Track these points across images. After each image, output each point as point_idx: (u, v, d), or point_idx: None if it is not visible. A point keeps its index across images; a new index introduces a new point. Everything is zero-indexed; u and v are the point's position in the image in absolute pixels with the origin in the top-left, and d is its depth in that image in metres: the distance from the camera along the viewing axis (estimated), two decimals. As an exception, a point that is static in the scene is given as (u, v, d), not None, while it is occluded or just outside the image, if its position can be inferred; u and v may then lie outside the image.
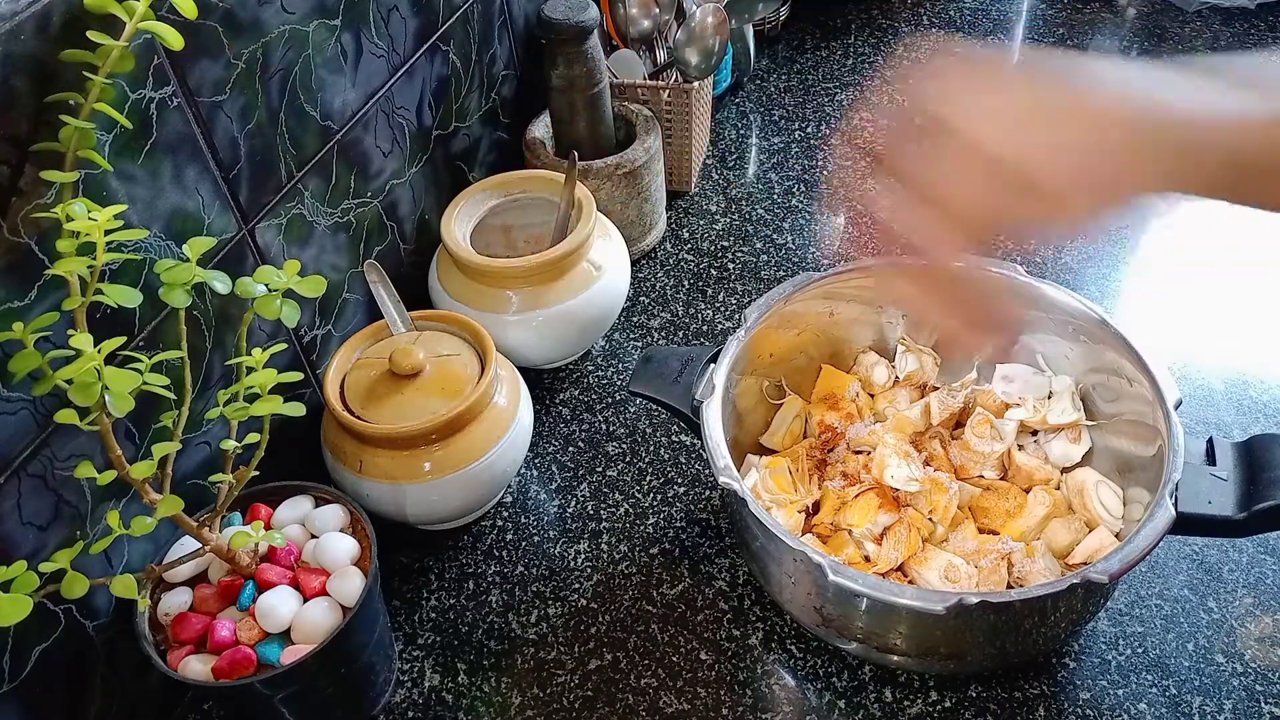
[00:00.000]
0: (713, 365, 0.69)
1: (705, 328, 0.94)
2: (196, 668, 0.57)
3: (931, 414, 0.75)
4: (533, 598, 0.73)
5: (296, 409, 0.55)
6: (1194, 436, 0.61)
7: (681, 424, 0.73)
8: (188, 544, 0.62)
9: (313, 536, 0.64)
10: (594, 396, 0.88)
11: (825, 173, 1.11)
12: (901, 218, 0.44)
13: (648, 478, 0.81)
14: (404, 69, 0.81)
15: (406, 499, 0.70)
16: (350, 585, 0.60)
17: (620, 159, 0.93)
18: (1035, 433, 0.75)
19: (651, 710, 0.66)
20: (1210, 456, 0.60)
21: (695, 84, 1.01)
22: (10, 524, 0.52)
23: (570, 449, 0.84)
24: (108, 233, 0.47)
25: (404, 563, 0.76)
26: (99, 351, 0.46)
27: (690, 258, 1.02)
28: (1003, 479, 0.73)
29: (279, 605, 0.59)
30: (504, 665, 0.69)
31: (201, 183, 0.62)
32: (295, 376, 0.58)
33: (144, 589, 0.59)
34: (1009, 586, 0.65)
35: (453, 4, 0.87)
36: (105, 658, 0.61)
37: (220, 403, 0.55)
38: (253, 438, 0.57)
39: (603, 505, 0.79)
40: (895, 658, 0.63)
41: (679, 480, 0.81)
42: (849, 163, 0.98)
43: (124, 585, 0.51)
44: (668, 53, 1.07)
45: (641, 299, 0.97)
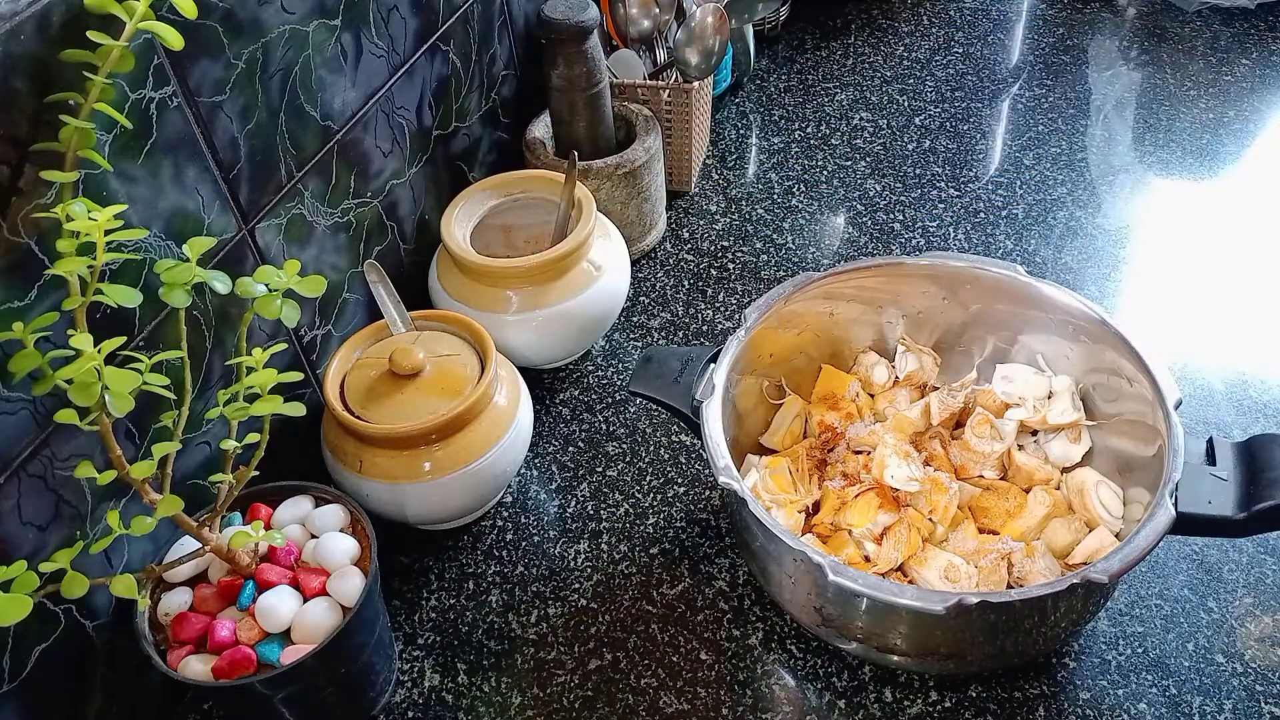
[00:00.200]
0: (713, 365, 0.69)
1: (705, 328, 0.94)
2: (196, 668, 0.57)
3: (931, 414, 0.75)
4: (533, 598, 0.73)
5: (296, 409, 0.55)
6: (1194, 436, 0.61)
7: (681, 424, 0.73)
8: (188, 544, 0.62)
9: (313, 536, 0.64)
10: (594, 396, 0.88)
11: (825, 173, 1.11)
12: None
13: (648, 478, 0.81)
14: (404, 69, 0.81)
15: (406, 499, 0.70)
16: (350, 585, 0.60)
17: (620, 159, 0.93)
18: (1035, 433, 0.75)
19: (651, 710, 0.66)
20: (1210, 456, 0.60)
21: (695, 84, 1.01)
22: (10, 524, 0.52)
23: (570, 449, 0.84)
24: (108, 233, 0.47)
25: (404, 563, 0.76)
26: (99, 351, 0.46)
27: (690, 258, 1.02)
28: (1003, 479, 0.73)
29: (279, 605, 0.59)
30: (504, 665, 0.69)
31: (201, 183, 0.62)
32: (295, 376, 0.58)
33: (144, 589, 0.59)
34: (1009, 586, 0.65)
35: (453, 4, 0.87)
36: (105, 658, 0.61)
37: (220, 403, 0.55)
38: (253, 438, 0.57)
39: (603, 505, 0.79)
40: (895, 658, 0.63)
41: (679, 480, 0.81)
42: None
43: (124, 585, 0.51)
44: (668, 53, 1.07)
45: (641, 299, 0.97)
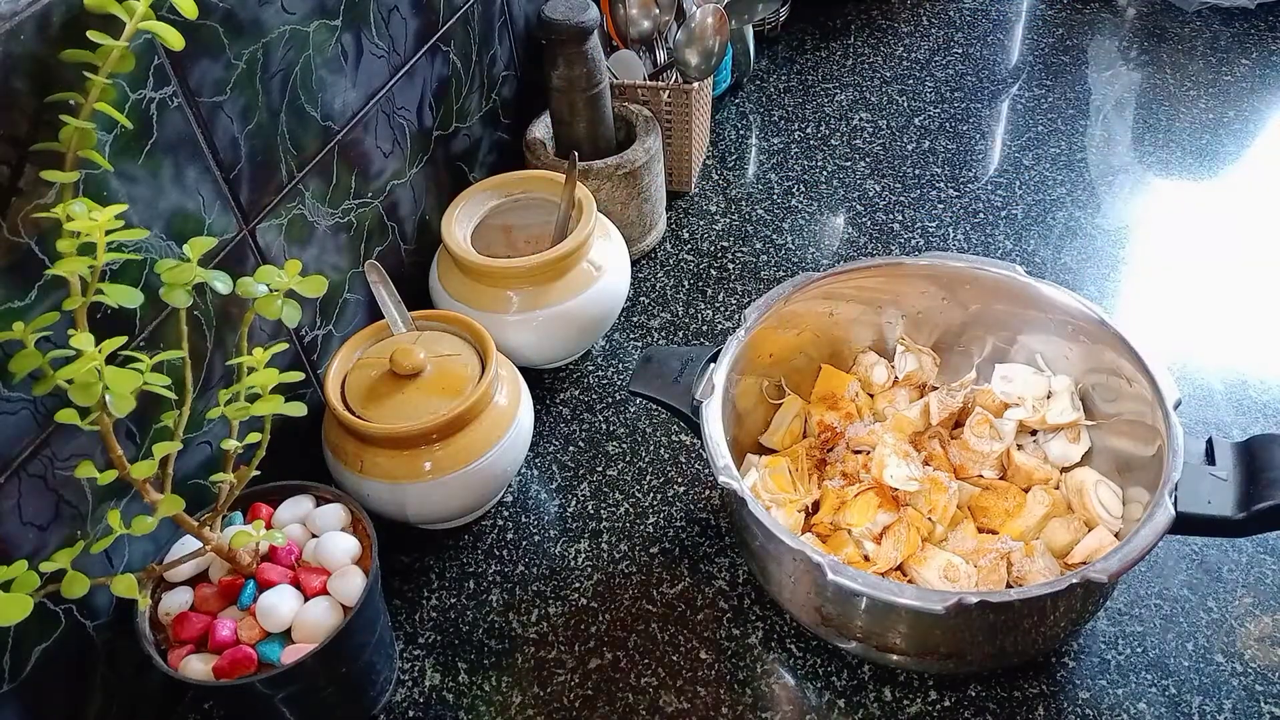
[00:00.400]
0: (713, 365, 0.69)
1: (705, 328, 0.94)
2: (197, 667, 0.57)
3: (931, 414, 0.75)
4: (533, 597, 0.73)
5: (297, 409, 0.55)
6: (1194, 436, 0.61)
7: (681, 424, 0.73)
8: (188, 543, 0.62)
9: (313, 536, 0.64)
10: (594, 396, 0.88)
11: (825, 173, 1.11)
12: None
13: (648, 477, 0.81)
14: (404, 69, 0.82)
15: (407, 499, 0.70)
16: (351, 585, 0.60)
17: (620, 159, 0.93)
18: (1035, 432, 0.75)
19: (651, 709, 0.66)
20: (1210, 456, 0.60)
21: (695, 84, 1.01)
22: (10, 524, 0.52)
23: (570, 449, 0.84)
24: (108, 233, 0.47)
25: (404, 562, 0.76)
26: (99, 351, 0.46)
27: (690, 258, 1.02)
28: (1002, 479, 0.73)
29: (280, 605, 0.59)
30: (504, 664, 0.69)
31: (202, 183, 0.62)
32: (296, 376, 0.58)
33: (144, 588, 0.59)
34: (1008, 586, 0.65)
35: (453, 4, 0.87)
36: (106, 657, 0.61)
37: (221, 402, 0.55)
38: (254, 437, 0.57)
39: (603, 505, 0.79)
40: (895, 657, 0.63)
41: (679, 480, 0.81)
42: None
43: (125, 585, 0.51)
44: (668, 53, 1.07)
45: (641, 299, 0.97)
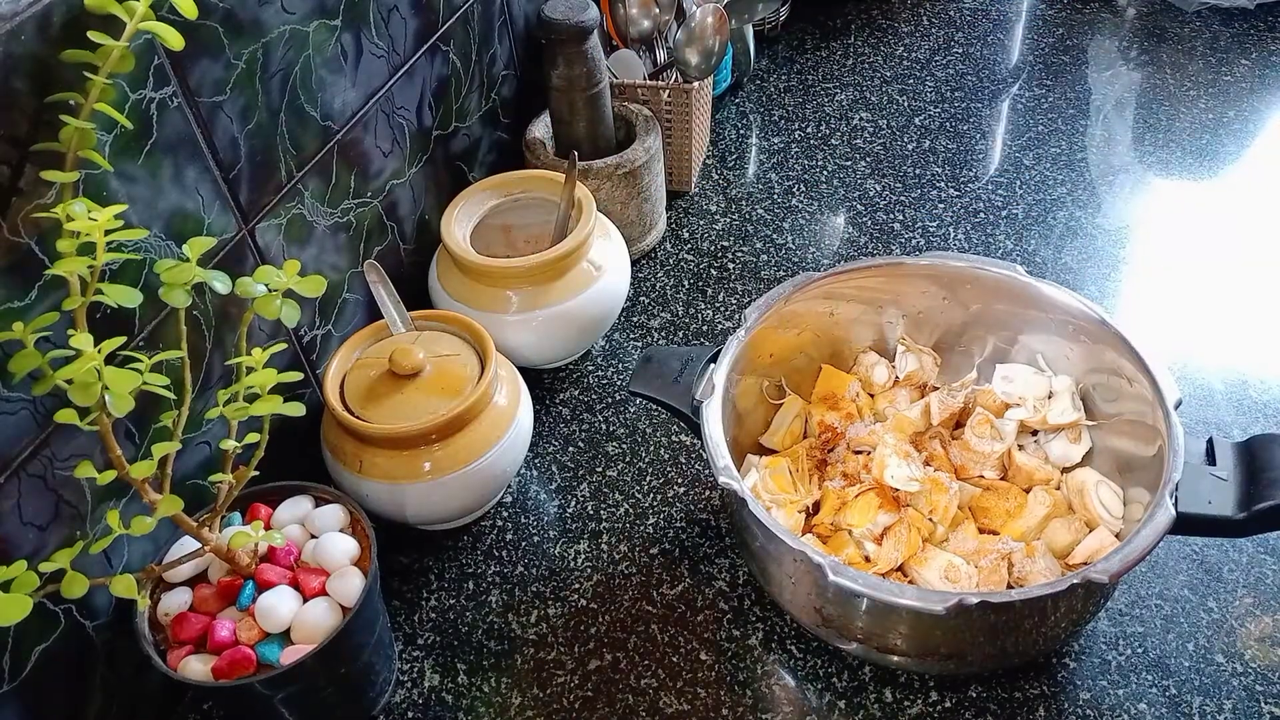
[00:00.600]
0: (713, 365, 0.69)
1: (705, 328, 0.94)
2: (196, 668, 0.57)
3: (931, 414, 0.75)
4: (533, 598, 0.73)
5: (296, 409, 0.55)
6: (1194, 436, 0.61)
7: (681, 424, 0.73)
8: (188, 544, 0.62)
9: (312, 536, 0.64)
10: (594, 396, 0.88)
11: (825, 173, 1.11)
12: None
13: (648, 478, 0.81)
14: (404, 69, 0.81)
15: (406, 499, 0.70)
16: (350, 585, 0.60)
17: (620, 159, 0.93)
18: (1035, 433, 0.75)
19: (651, 710, 0.66)
20: (1210, 456, 0.60)
21: (695, 84, 1.01)
22: (10, 524, 0.52)
23: (570, 449, 0.84)
24: (108, 233, 0.47)
25: (404, 563, 0.76)
26: (99, 351, 0.46)
27: (690, 258, 1.02)
28: (1003, 479, 0.73)
29: (279, 605, 0.59)
30: (504, 665, 0.69)
31: (201, 183, 0.62)
32: (295, 376, 0.58)
33: (144, 589, 0.59)
34: (1009, 586, 0.65)
35: (453, 4, 0.87)
36: (105, 658, 0.61)
37: (220, 403, 0.55)
38: (252, 438, 0.57)
39: (603, 505, 0.79)
40: (895, 658, 0.63)
41: (679, 480, 0.81)
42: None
43: (124, 585, 0.51)
44: (668, 53, 1.07)
45: (641, 299, 0.97)
